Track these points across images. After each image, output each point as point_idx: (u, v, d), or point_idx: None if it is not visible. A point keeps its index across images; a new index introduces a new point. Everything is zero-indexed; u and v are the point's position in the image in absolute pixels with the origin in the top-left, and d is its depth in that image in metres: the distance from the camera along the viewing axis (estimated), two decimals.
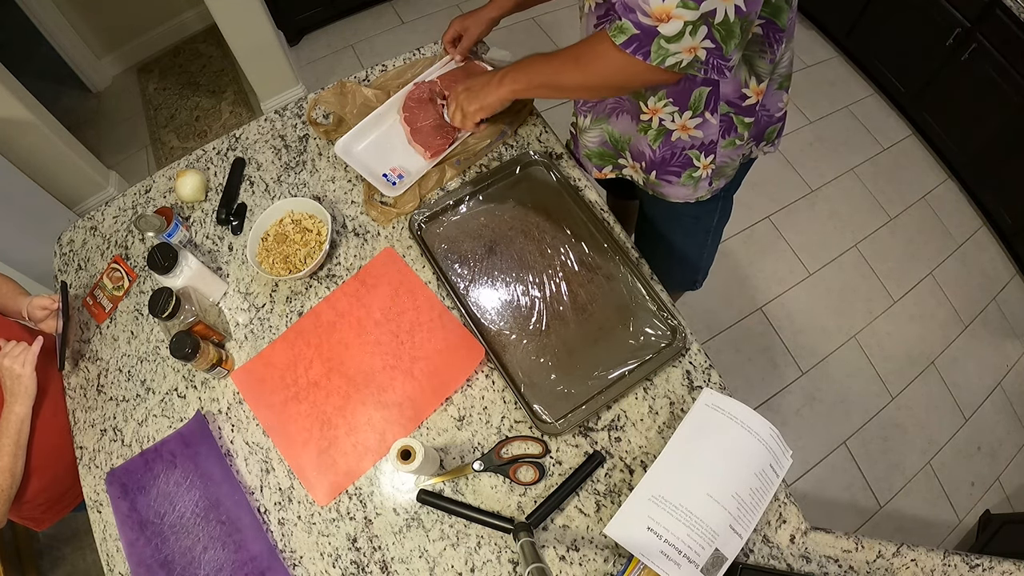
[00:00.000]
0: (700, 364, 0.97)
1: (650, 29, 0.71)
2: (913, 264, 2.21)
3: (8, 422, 0.97)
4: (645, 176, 1.06)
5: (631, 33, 0.73)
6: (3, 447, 0.96)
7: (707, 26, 0.69)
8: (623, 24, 0.74)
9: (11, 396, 0.98)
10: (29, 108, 2.04)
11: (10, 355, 0.98)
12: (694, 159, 0.97)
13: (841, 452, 1.90)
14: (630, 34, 0.73)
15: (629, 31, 0.73)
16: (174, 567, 0.90)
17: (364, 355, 1.02)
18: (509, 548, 0.88)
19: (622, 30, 0.74)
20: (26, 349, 1.00)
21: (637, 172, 1.08)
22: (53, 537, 1.86)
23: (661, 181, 1.04)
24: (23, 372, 0.98)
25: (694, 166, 0.99)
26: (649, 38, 0.72)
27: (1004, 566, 0.82)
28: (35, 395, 1.00)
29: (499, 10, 1.18)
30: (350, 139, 1.20)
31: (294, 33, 2.83)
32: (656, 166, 1.01)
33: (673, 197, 1.08)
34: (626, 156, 1.06)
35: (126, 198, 1.28)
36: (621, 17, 0.74)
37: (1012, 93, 1.94)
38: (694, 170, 0.99)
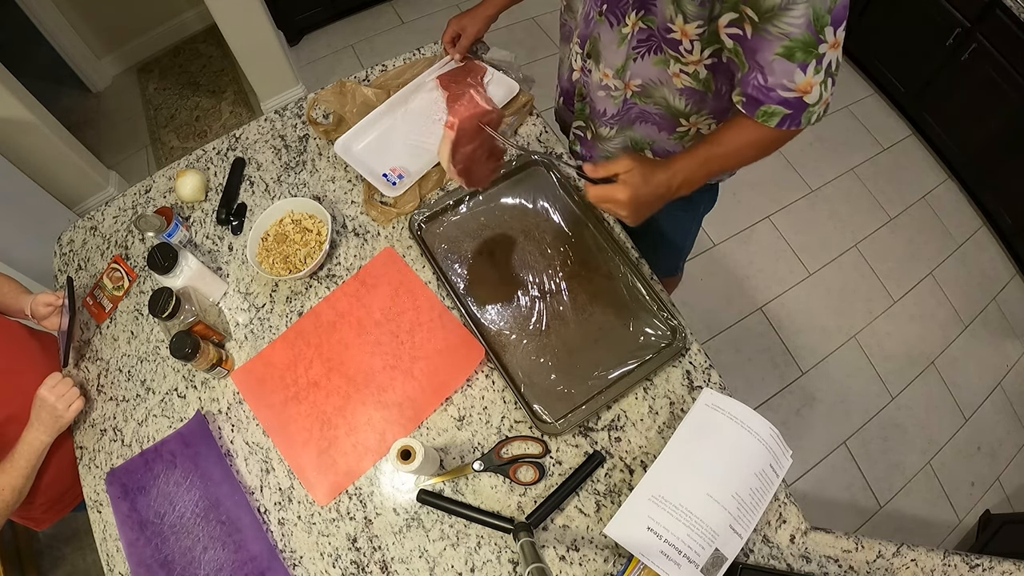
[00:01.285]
0: (700, 364, 0.97)
1: (798, 103, 0.74)
2: (913, 264, 2.21)
3: (32, 448, 0.97)
4: None
5: (782, 115, 0.76)
6: (19, 469, 0.96)
7: (830, 77, 0.73)
8: (770, 109, 0.76)
9: (42, 426, 0.97)
10: (29, 108, 2.04)
11: (56, 392, 0.98)
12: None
13: (841, 452, 1.90)
14: (781, 115, 0.76)
15: (780, 113, 0.76)
16: (174, 567, 0.90)
17: (364, 355, 1.02)
18: (509, 548, 0.88)
19: (771, 115, 0.76)
20: (73, 391, 1.00)
21: None
22: (53, 537, 1.86)
23: None
24: (65, 415, 0.98)
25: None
26: (800, 111, 0.75)
27: (1004, 566, 0.82)
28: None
29: (495, 7, 1.19)
30: (350, 139, 1.20)
31: (294, 33, 2.83)
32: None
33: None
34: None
35: (126, 198, 1.28)
36: (762, 101, 0.76)
37: (1012, 93, 1.94)
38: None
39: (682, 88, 0.89)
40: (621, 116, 1.00)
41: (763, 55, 0.72)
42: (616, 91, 0.95)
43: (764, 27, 0.70)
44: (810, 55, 0.70)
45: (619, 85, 0.93)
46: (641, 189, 0.80)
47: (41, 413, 0.98)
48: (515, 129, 1.21)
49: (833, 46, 0.70)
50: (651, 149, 1.04)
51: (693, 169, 0.84)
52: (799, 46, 0.69)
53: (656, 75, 0.90)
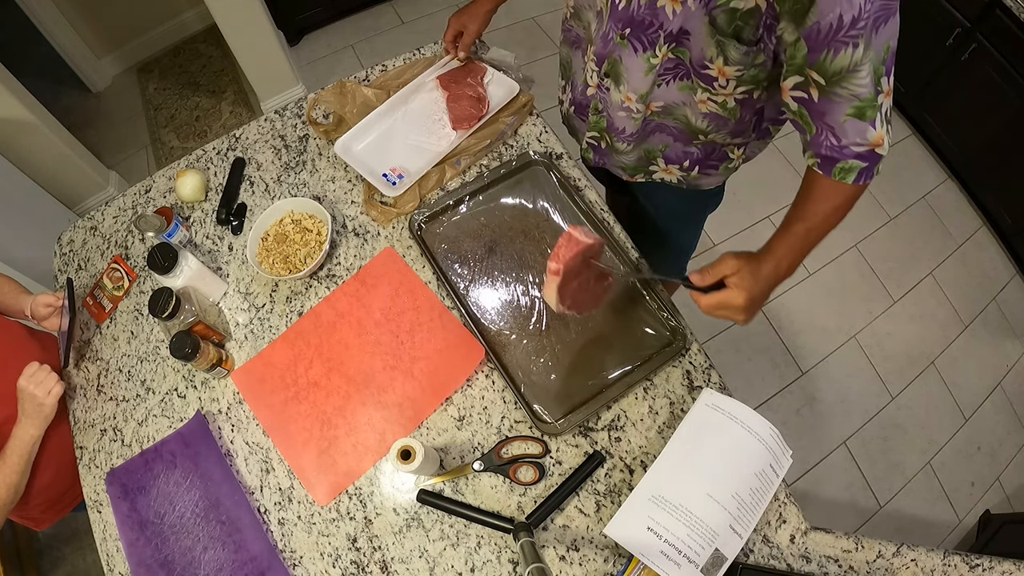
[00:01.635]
0: (700, 364, 0.97)
1: (872, 155, 0.74)
2: (913, 264, 2.21)
3: (22, 443, 0.97)
4: (685, 174, 1.07)
5: (859, 168, 0.75)
6: (12, 465, 0.96)
7: (888, 122, 0.74)
8: (846, 165, 0.76)
9: (28, 419, 0.98)
10: (29, 108, 2.04)
11: (35, 381, 0.98)
12: (729, 152, 1.02)
13: (841, 452, 1.90)
14: (858, 170, 0.76)
15: (856, 168, 0.75)
16: (174, 567, 0.90)
17: (364, 355, 1.02)
18: (509, 548, 0.88)
19: (848, 170, 0.76)
20: (52, 377, 0.99)
21: (671, 173, 1.09)
22: (53, 537, 1.86)
23: (701, 175, 1.07)
24: (47, 402, 0.98)
25: (730, 158, 1.03)
26: (874, 163, 0.75)
27: (1004, 566, 0.82)
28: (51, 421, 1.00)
29: (492, 2, 1.19)
30: (350, 139, 1.20)
31: (294, 33, 2.83)
32: (699, 162, 1.04)
33: (706, 186, 1.12)
34: (658, 163, 1.07)
35: (126, 198, 1.28)
36: (837, 159, 0.76)
37: (1012, 93, 1.94)
38: (729, 162, 1.04)
39: (706, 112, 0.89)
40: (639, 133, 1.00)
41: (833, 117, 0.73)
42: (637, 113, 0.94)
43: (832, 90, 0.70)
44: (875, 110, 0.71)
45: (641, 108, 0.93)
46: (754, 289, 0.78)
47: (24, 405, 0.98)
48: (515, 129, 1.21)
49: (887, 94, 0.71)
50: (663, 155, 1.04)
51: (795, 253, 0.83)
52: (868, 104, 0.70)
53: (680, 98, 0.89)
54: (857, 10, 0.63)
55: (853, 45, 0.65)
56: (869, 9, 0.63)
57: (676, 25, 0.77)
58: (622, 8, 0.82)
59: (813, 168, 0.80)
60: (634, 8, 0.80)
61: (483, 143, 1.17)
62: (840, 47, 0.66)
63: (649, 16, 0.79)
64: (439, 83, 1.24)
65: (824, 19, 0.64)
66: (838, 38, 0.65)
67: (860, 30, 0.64)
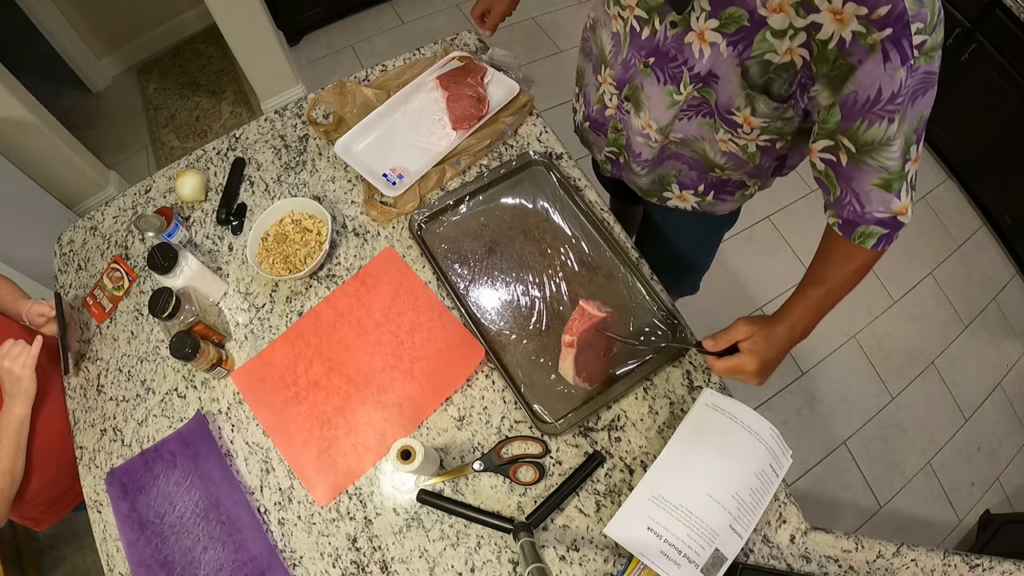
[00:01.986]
0: (700, 364, 0.97)
1: (895, 223, 0.74)
2: (913, 264, 2.21)
3: (8, 423, 0.97)
4: (699, 199, 1.06)
5: (879, 235, 0.75)
6: (2, 448, 0.96)
7: (914, 189, 0.73)
8: (867, 230, 0.75)
9: (10, 398, 0.98)
10: (29, 108, 2.04)
11: (8, 356, 0.98)
12: (746, 180, 1.00)
13: (841, 452, 1.90)
14: (878, 236, 0.75)
15: (877, 233, 0.75)
16: (174, 567, 0.90)
17: (364, 355, 1.02)
18: (509, 548, 0.88)
19: (868, 235, 0.75)
20: (25, 349, 0.99)
21: (686, 201, 1.08)
22: (53, 537, 1.86)
23: (716, 201, 1.06)
24: (23, 375, 0.98)
25: (746, 185, 1.02)
26: (895, 229, 0.75)
27: (1004, 566, 0.82)
28: (35, 396, 1.00)
29: None
30: (350, 139, 1.20)
31: (294, 33, 2.83)
32: (715, 187, 1.03)
33: (721, 211, 1.11)
34: (672, 189, 1.07)
35: (126, 198, 1.28)
36: (857, 223, 0.75)
37: (1012, 93, 1.94)
38: (745, 189, 1.03)
39: (725, 151, 0.88)
40: (654, 161, 1.00)
41: (859, 184, 0.72)
42: (655, 142, 0.94)
43: (862, 159, 0.69)
44: (902, 180, 0.70)
45: (659, 138, 0.92)
46: (768, 354, 0.79)
47: (5, 384, 0.98)
48: (515, 129, 1.21)
49: (915, 161, 0.70)
50: (677, 180, 1.04)
51: (810, 317, 0.82)
52: (895, 177, 0.70)
53: (700, 133, 0.88)
54: (897, 86, 0.61)
55: (888, 120, 0.64)
56: (909, 84, 0.61)
57: (705, 67, 0.75)
58: (645, 37, 0.80)
59: (833, 228, 0.79)
60: (659, 39, 0.78)
61: (483, 143, 1.17)
62: (875, 120, 0.65)
63: (675, 50, 0.77)
64: (439, 83, 1.24)
65: (862, 91, 0.63)
66: (874, 110, 0.64)
67: (898, 105, 0.63)
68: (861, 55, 0.61)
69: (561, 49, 2.67)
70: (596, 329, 0.85)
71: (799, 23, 0.63)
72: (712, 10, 0.69)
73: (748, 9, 0.66)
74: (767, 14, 0.65)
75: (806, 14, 0.62)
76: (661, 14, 0.76)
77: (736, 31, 0.69)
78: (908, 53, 0.59)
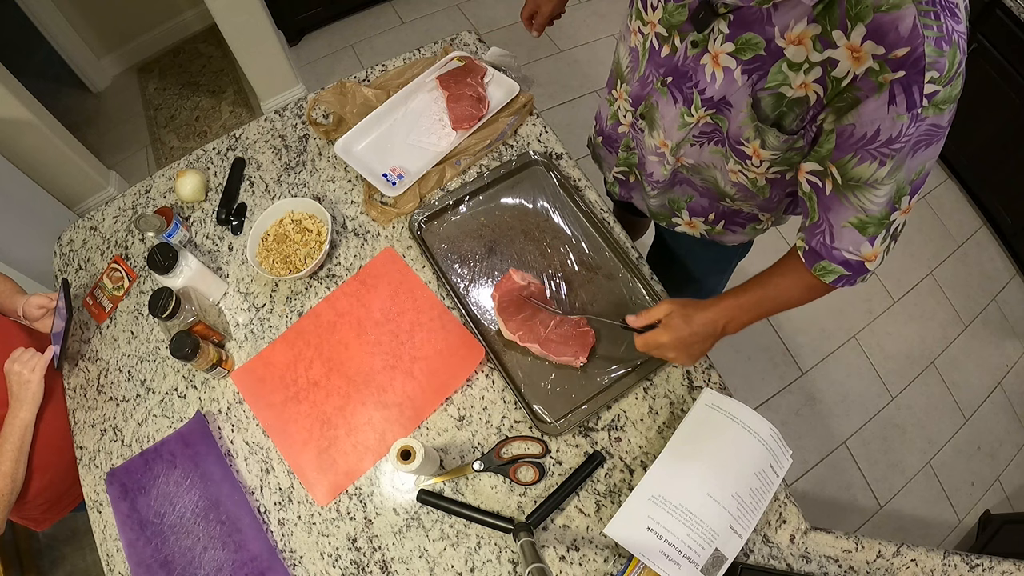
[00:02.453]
0: (700, 364, 0.97)
1: (859, 267, 0.73)
2: (913, 264, 2.21)
3: (13, 428, 0.97)
4: (709, 227, 1.05)
5: (839, 274, 0.75)
6: (5, 452, 0.96)
7: (894, 240, 0.72)
8: (829, 267, 0.74)
9: (17, 402, 0.98)
10: (29, 108, 2.04)
11: (20, 360, 0.98)
12: (758, 214, 0.99)
13: (841, 452, 1.90)
14: (838, 275, 0.75)
15: (837, 272, 0.74)
16: (174, 567, 0.90)
17: (364, 355, 1.02)
18: (509, 548, 0.88)
19: (829, 271, 0.75)
20: (36, 356, 1.00)
21: (695, 227, 1.07)
22: (53, 537, 1.86)
23: (726, 231, 1.06)
24: (32, 378, 0.98)
25: (758, 219, 1.01)
26: (858, 274, 0.74)
27: (1004, 566, 0.82)
28: (40, 401, 1.00)
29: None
30: (350, 139, 1.20)
31: (294, 33, 2.83)
32: (725, 216, 1.01)
33: (731, 242, 1.10)
34: (681, 215, 1.06)
35: (126, 198, 1.28)
36: (822, 256, 0.74)
37: (1012, 93, 1.94)
38: (757, 223, 1.02)
39: (736, 182, 0.88)
40: (666, 182, 0.99)
41: (835, 216, 0.70)
42: (668, 163, 0.93)
43: (844, 192, 0.68)
44: (881, 227, 0.69)
45: (672, 160, 0.92)
46: (683, 331, 0.80)
47: (12, 387, 0.98)
48: (515, 129, 1.21)
49: (905, 212, 0.68)
50: (687, 207, 1.03)
51: (741, 312, 0.81)
52: (873, 222, 0.68)
53: (711, 160, 0.87)
54: (897, 131, 0.59)
55: (880, 163, 0.62)
56: (912, 132, 0.59)
57: (718, 93, 0.74)
58: (664, 55, 0.80)
59: (798, 252, 0.79)
60: (679, 59, 0.78)
61: (483, 143, 1.17)
62: (867, 158, 0.63)
63: (692, 70, 0.77)
64: (439, 83, 1.24)
65: (860, 126, 0.62)
66: (867, 148, 0.62)
67: (894, 150, 0.61)
68: (869, 91, 0.59)
69: (561, 49, 2.67)
70: (519, 294, 0.98)
71: (816, 57, 0.62)
72: (730, 33, 0.69)
73: (766, 38, 0.65)
74: (785, 45, 0.64)
75: (823, 48, 0.61)
76: (682, 33, 0.75)
77: (752, 59, 0.68)
78: (916, 101, 0.57)
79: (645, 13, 0.80)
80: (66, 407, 1.10)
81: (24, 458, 0.99)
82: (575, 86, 2.56)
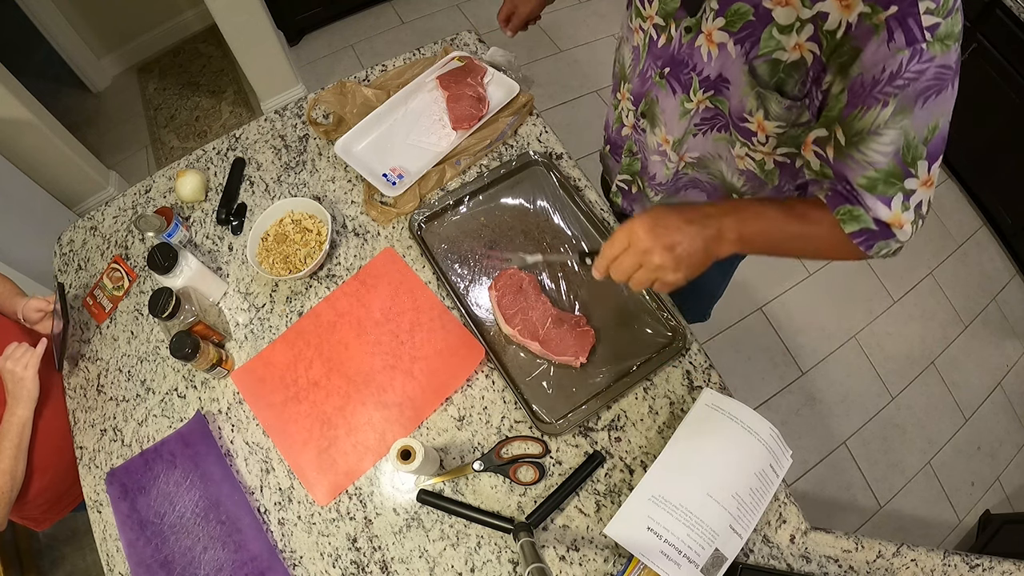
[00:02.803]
0: (700, 364, 0.97)
1: (887, 231, 0.68)
2: (913, 264, 2.21)
3: (10, 425, 0.97)
4: None
5: (865, 226, 0.68)
6: (4, 450, 0.96)
7: (921, 219, 0.67)
8: (858, 214, 0.67)
9: (13, 399, 0.98)
10: (29, 108, 2.04)
11: (12, 358, 0.98)
12: None
13: (841, 452, 1.90)
14: (863, 226, 0.68)
15: (865, 223, 0.68)
16: (174, 567, 0.90)
17: (364, 355, 1.02)
18: (509, 548, 0.88)
19: (856, 219, 0.68)
20: (28, 351, 0.99)
21: None
22: (53, 537, 1.86)
23: None
24: (25, 375, 0.98)
25: None
26: (881, 237, 0.68)
27: (1004, 566, 0.82)
28: (37, 398, 1.00)
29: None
30: (350, 139, 1.20)
31: (294, 33, 2.83)
32: None
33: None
34: None
35: (126, 198, 1.28)
36: (848, 201, 0.68)
37: (1012, 93, 1.94)
38: None
39: (743, 170, 0.86)
40: (670, 185, 0.98)
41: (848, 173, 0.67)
42: (671, 161, 0.92)
43: (849, 152, 0.65)
44: (891, 186, 0.64)
45: (675, 157, 0.90)
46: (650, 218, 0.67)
47: (7, 385, 0.98)
48: (515, 129, 1.21)
49: (926, 183, 0.64)
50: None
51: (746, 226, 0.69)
52: (881, 178, 0.64)
53: (716, 150, 0.86)
54: (897, 66, 0.57)
55: (883, 104, 0.59)
56: (915, 69, 0.57)
57: (714, 71, 0.73)
58: (661, 46, 0.80)
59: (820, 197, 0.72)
60: (675, 47, 0.78)
61: (483, 143, 1.17)
62: (871, 103, 0.60)
63: (687, 56, 0.76)
64: (439, 83, 1.24)
65: (867, 73, 0.59)
66: (872, 93, 0.60)
67: (896, 88, 0.58)
68: (866, 36, 0.58)
69: (561, 49, 2.67)
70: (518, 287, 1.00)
71: (805, 14, 0.62)
72: (720, 8, 0.68)
73: (753, 4, 0.65)
74: (772, 6, 0.64)
75: (812, 3, 0.60)
76: (676, 20, 0.75)
77: (742, 28, 0.67)
78: (916, 35, 0.55)
79: (643, 8, 0.81)
80: (66, 407, 1.10)
81: (23, 455, 0.99)
82: (575, 86, 2.56)
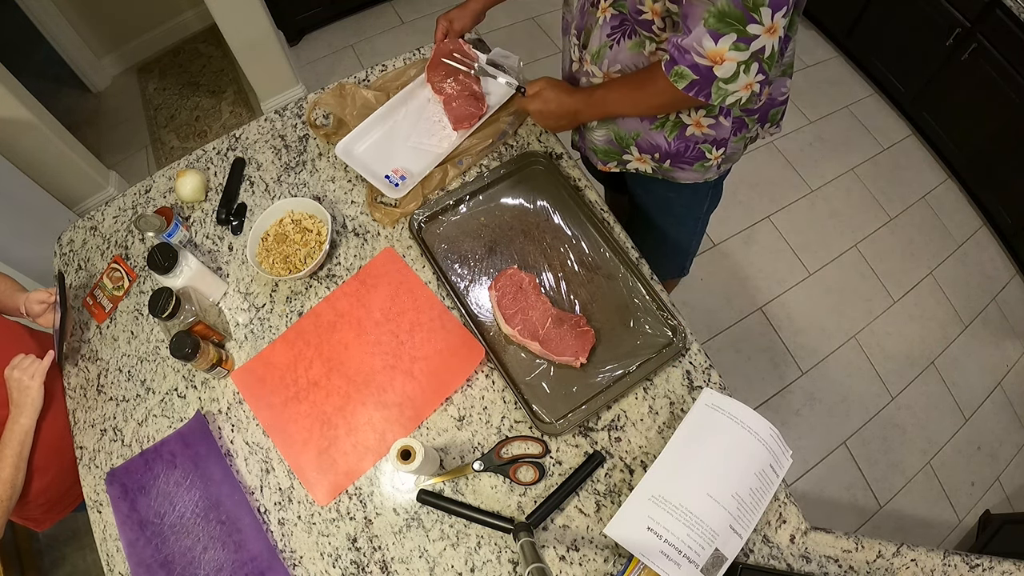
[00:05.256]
0: (700, 364, 0.97)
1: (707, 72, 0.75)
2: (913, 264, 2.21)
3: (13, 434, 0.97)
4: (657, 164, 1.07)
5: (691, 79, 0.77)
6: (6, 458, 0.96)
7: (758, 62, 0.72)
8: (681, 70, 0.77)
9: (17, 408, 0.98)
10: (29, 108, 2.04)
11: (19, 367, 0.98)
12: (706, 152, 1.01)
13: (841, 452, 1.90)
14: (690, 79, 0.77)
15: (688, 77, 0.77)
16: (174, 567, 0.90)
17: (364, 355, 1.02)
18: (509, 548, 0.88)
19: (681, 76, 0.77)
20: (35, 362, 0.99)
21: (645, 163, 1.08)
22: (53, 537, 1.86)
23: (675, 168, 1.07)
24: (32, 384, 0.98)
25: (706, 158, 1.02)
26: (708, 82, 0.76)
27: (1004, 566, 0.82)
28: (40, 408, 1.00)
29: (483, 2, 1.19)
30: (351, 141, 1.20)
31: (294, 33, 2.83)
32: (671, 156, 1.03)
33: (684, 180, 1.10)
34: (631, 151, 1.07)
35: (126, 198, 1.28)
36: (677, 61, 0.77)
37: (1012, 93, 1.94)
38: (705, 161, 1.03)
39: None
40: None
41: (692, 21, 0.73)
42: (595, 77, 0.96)
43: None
44: (728, 26, 0.69)
45: (597, 72, 0.95)
46: (546, 105, 1.01)
47: (12, 393, 0.98)
48: (515, 129, 1.21)
49: (769, 31, 0.69)
50: (636, 143, 1.04)
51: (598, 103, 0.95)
52: (714, 14, 0.69)
53: (633, 59, 0.90)
54: None
55: None
56: None
57: None
58: None
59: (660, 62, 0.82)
60: None
61: (484, 143, 1.17)
62: None
63: None
64: (432, 90, 1.23)
65: None
66: None
67: None
68: None
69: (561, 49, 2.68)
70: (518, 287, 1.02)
71: None
72: None
73: None
74: None
75: None
76: None
77: None
78: None
79: None
80: (66, 407, 1.10)
81: (24, 464, 0.99)
82: None
